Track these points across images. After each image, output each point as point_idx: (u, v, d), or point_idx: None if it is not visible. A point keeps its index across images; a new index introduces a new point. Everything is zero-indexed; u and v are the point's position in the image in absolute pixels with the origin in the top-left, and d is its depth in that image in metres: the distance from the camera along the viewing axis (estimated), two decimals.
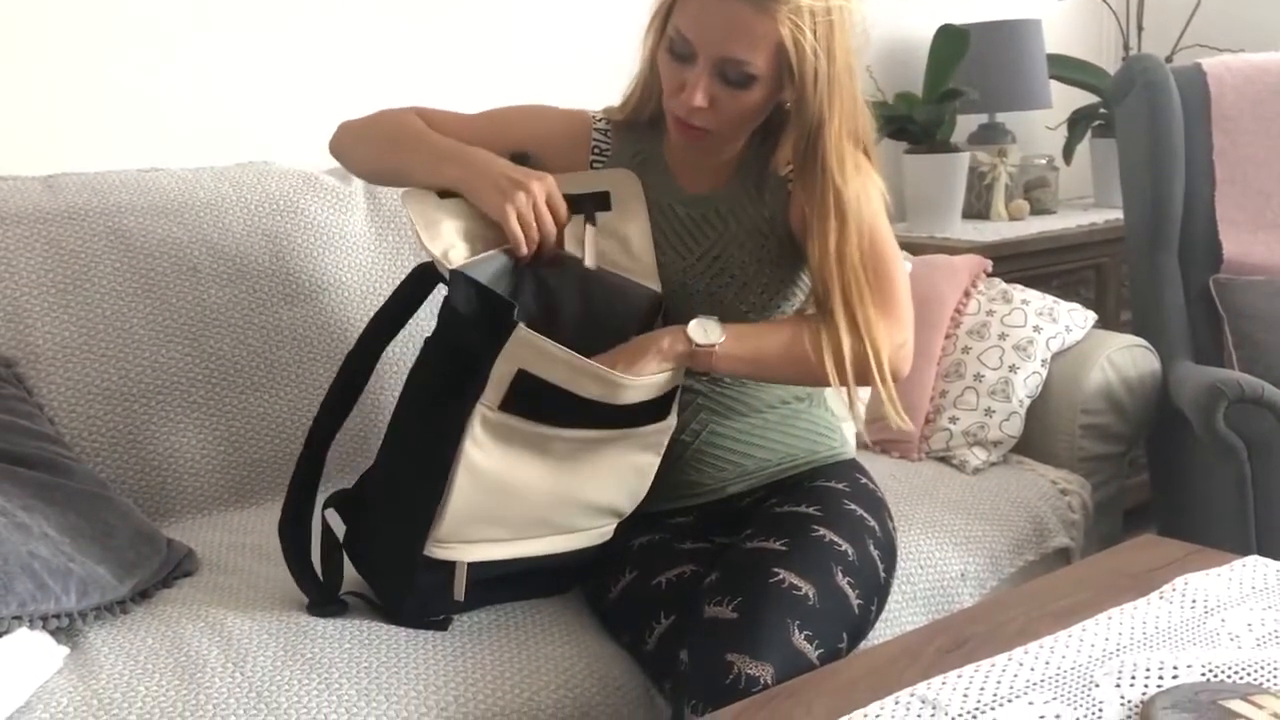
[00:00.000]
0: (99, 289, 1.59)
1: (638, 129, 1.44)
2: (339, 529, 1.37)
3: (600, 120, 1.47)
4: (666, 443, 1.33)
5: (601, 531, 1.36)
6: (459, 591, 1.28)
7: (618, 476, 1.32)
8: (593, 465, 1.29)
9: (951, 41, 2.49)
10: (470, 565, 1.28)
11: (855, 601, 1.26)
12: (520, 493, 1.26)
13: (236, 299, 1.67)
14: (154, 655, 1.22)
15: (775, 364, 1.32)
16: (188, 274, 1.64)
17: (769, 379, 1.40)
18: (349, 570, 1.36)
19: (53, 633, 1.22)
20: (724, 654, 1.15)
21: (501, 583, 1.33)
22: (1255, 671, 1.04)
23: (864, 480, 1.45)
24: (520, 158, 1.39)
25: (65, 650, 1.22)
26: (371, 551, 1.35)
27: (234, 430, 1.64)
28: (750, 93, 1.27)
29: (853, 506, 1.37)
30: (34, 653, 1.17)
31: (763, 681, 1.12)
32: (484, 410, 1.21)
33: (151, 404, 1.59)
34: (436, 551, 1.26)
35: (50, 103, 1.78)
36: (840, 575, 1.26)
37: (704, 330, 1.28)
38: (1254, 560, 1.27)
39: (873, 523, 1.36)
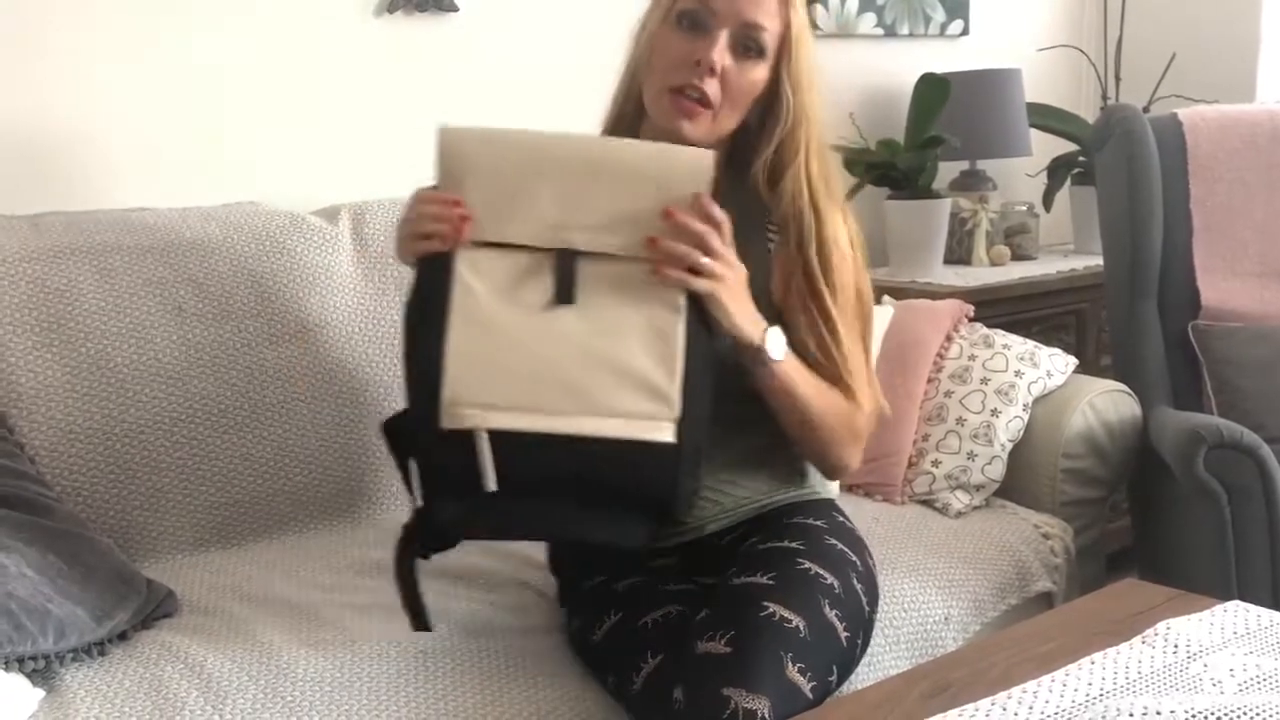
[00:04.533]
0: (83, 328, 1.58)
1: None
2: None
3: None
4: (685, 308, 1.22)
5: (650, 421, 1.19)
6: (489, 478, 1.16)
7: (637, 330, 1.20)
8: (601, 306, 1.20)
9: (933, 90, 2.53)
10: (494, 443, 1.16)
11: (843, 634, 1.27)
12: (525, 334, 1.18)
13: (222, 339, 1.67)
14: (131, 698, 1.21)
15: (808, 405, 1.35)
16: (173, 314, 1.64)
17: (797, 413, 1.36)
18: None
19: (28, 675, 1.20)
20: (720, 688, 1.14)
21: (543, 492, 1.20)
22: (1238, 717, 1.04)
23: (842, 519, 1.46)
24: None
25: (41, 693, 1.20)
26: (412, 453, 1.24)
27: (217, 471, 1.63)
28: (757, 67, 1.36)
29: (834, 541, 1.37)
30: (8, 696, 1.15)
31: (760, 715, 1.12)
32: (461, 252, 1.19)
33: (134, 444, 1.58)
34: (450, 419, 1.16)
35: (36, 141, 1.78)
36: (828, 608, 1.26)
37: (778, 342, 1.31)
38: (1235, 605, 1.28)
39: (854, 558, 1.37)
